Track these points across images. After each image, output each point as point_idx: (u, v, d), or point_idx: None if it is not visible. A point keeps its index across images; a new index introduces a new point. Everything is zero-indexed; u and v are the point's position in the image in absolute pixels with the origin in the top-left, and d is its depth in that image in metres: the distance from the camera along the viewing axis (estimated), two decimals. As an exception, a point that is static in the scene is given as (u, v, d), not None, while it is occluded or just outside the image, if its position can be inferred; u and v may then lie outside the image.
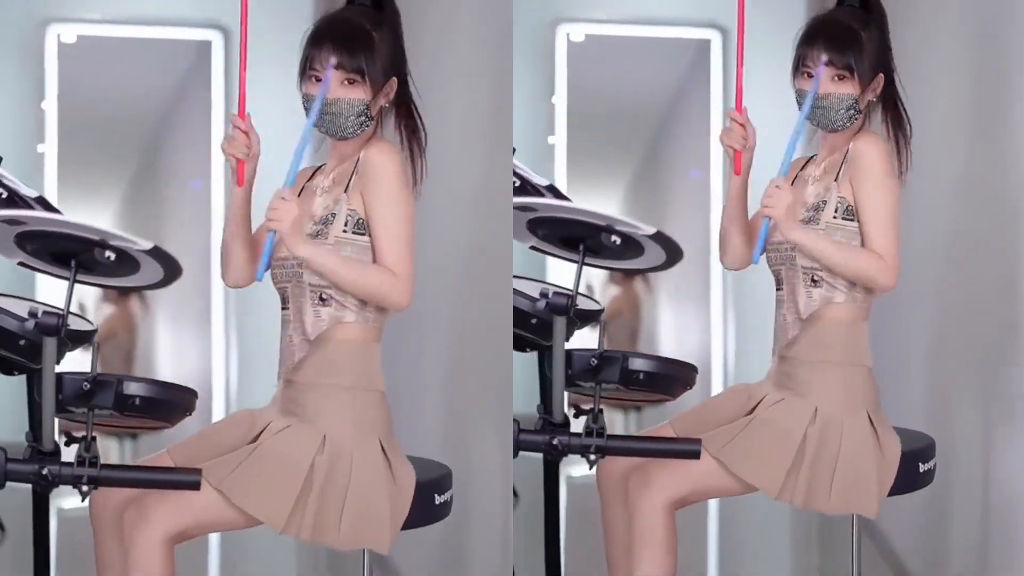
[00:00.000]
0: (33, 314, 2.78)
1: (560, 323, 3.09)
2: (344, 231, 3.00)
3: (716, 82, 4.93)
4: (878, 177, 3.19)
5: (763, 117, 4.83)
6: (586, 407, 3.18)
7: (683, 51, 4.95)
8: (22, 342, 2.85)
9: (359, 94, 3.03)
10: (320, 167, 3.18)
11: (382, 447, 3.02)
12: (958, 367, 3.99)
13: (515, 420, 3.10)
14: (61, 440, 2.87)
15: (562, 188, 3.74)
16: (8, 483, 2.80)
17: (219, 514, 2.95)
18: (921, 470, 3.27)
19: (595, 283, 4.54)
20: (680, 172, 4.88)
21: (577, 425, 3.16)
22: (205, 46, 4.68)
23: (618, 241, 3.07)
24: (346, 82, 3.02)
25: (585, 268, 3.23)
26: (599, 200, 3.51)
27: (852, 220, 3.20)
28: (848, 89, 3.23)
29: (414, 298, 3.00)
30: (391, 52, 3.07)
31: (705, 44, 4.95)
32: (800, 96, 3.24)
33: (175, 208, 4.66)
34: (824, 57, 3.21)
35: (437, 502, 3.11)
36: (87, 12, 4.65)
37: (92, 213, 4.56)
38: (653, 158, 4.90)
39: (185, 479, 2.84)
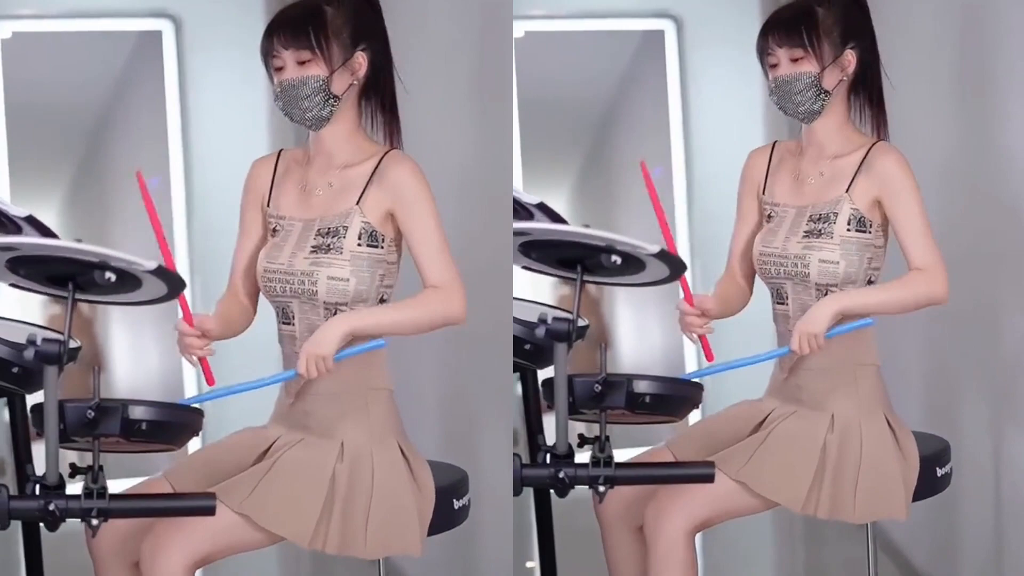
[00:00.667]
0: (32, 341, 2.64)
1: (561, 350, 2.94)
2: (359, 244, 2.93)
3: (672, 74, 4.78)
4: (914, 193, 3.09)
5: (718, 104, 4.78)
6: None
7: (633, 44, 4.79)
8: (15, 369, 2.73)
9: (313, 70, 2.92)
10: (286, 152, 3.07)
11: (400, 449, 2.94)
12: (960, 365, 3.94)
13: (516, 455, 2.96)
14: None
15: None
16: None
17: (240, 536, 2.87)
18: (939, 474, 3.20)
19: (543, 284, 4.36)
20: (639, 168, 4.73)
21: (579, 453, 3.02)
22: (154, 36, 4.56)
23: (619, 261, 2.91)
24: (299, 63, 2.92)
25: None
26: (551, 201, 3.41)
27: (865, 231, 3.10)
28: (806, 67, 3.10)
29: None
30: (354, 25, 2.96)
31: (658, 35, 4.80)
32: (770, 89, 3.12)
33: (133, 207, 4.46)
34: (777, 39, 3.10)
35: (456, 507, 3.04)
36: (22, 7, 4.52)
37: (44, 216, 4.38)
38: (609, 156, 4.75)
39: (201, 505, 2.74)
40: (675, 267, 2.94)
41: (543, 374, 3.12)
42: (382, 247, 2.95)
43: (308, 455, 2.90)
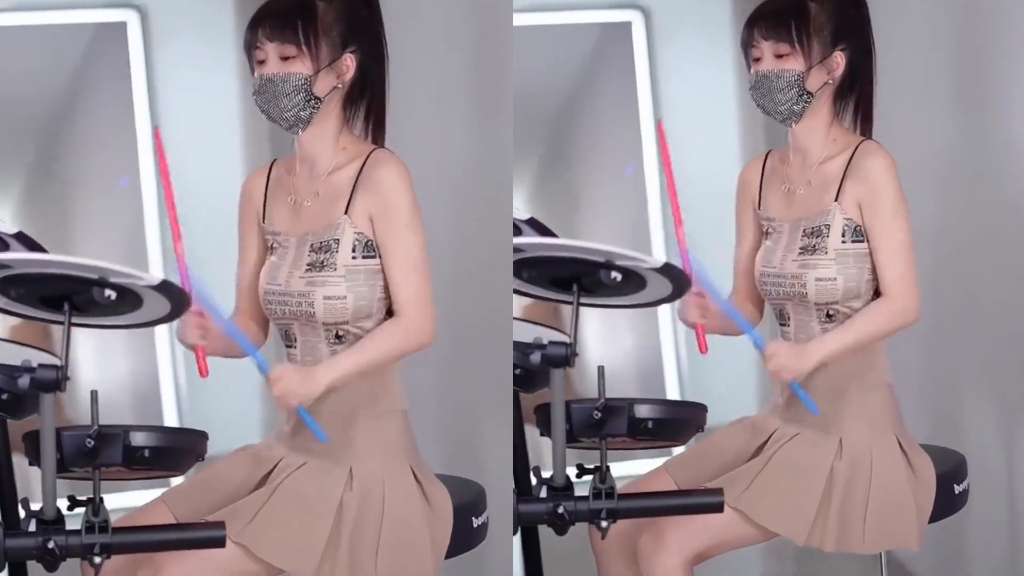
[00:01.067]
0: (27, 367, 2.47)
1: (558, 376, 2.74)
2: (353, 257, 2.77)
3: (641, 68, 4.59)
4: (893, 203, 2.91)
5: (690, 99, 4.62)
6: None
7: (598, 37, 4.58)
8: (4, 396, 2.55)
9: (297, 67, 2.76)
10: (279, 162, 2.91)
11: (413, 473, 2.79)
12: (962, 371, 3.82)
13: (513, 493, 2.80)
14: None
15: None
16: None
17: (241, 567, 2.71)
18: (956, 491, 3.05)
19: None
20: (610, 168, 4.55)
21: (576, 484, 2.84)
22: (118, 28, 4.37)
23: (619, 278, 2.67)
24: (281, 58, 2.76)
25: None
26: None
27: (861, 240, 2.93)
28: (791, 65, 2.92)
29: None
30: (346, 24, 2.80)
31: (624, 27, 4.61)
32: (750, 85, 2.94)
33: (101, 208, 4.34)
34: (763, 31, 2.92)
35: (475, 525, 2.90)
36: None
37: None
38: (572, 155, 4.55)
39: (210, 536, 2.60)
40: (679, 283, 2.73)
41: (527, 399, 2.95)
42: (378, 256, 2.78)
43: (314, 481, 2.76)
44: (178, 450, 2.62)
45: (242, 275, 2.91)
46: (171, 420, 4.30)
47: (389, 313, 2.81)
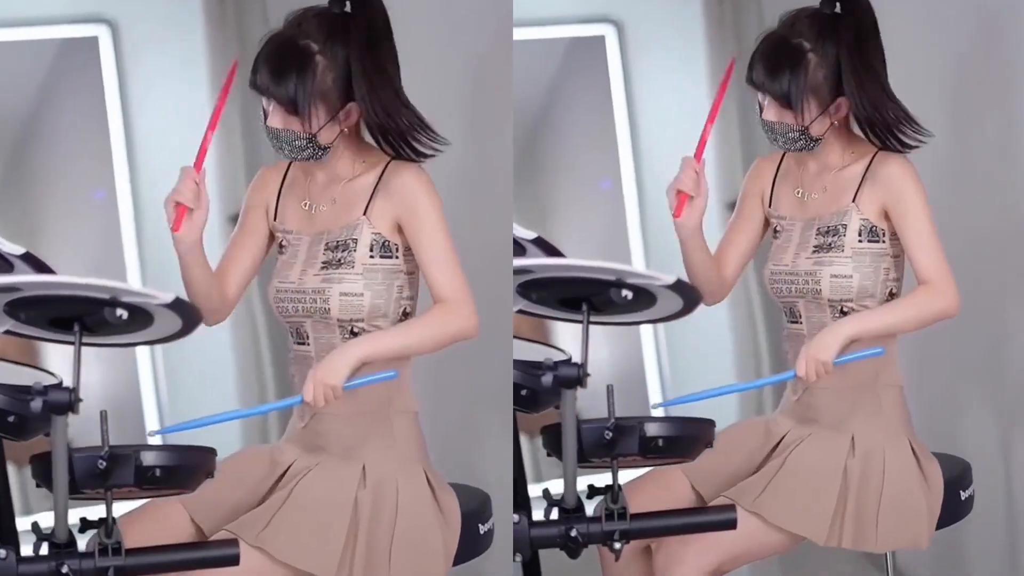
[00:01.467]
0: (39, 391, 2.43)
1: (570, 398, 2.71)
2: (371, 256, 2.79)
3: (616, 82, 4.56)
4: (919, 202, 2.94)
5: (666, 112, 4.59)
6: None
7: (572, 51, 4.56)
8: (11, 418, 2.53)
9: (295, 126, 2.77)
10: (297, 164, 2.90)
11: (426, 476, 2.81)
12: (958, 376, 3.83)
13: (523, 516, 2.77)
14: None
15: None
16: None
17: (263, 571, 2.72)
18: (962, 498, 3.08)
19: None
20: (586, 184, 4.53)
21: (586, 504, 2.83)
22: (90, 42, 4.31)
23: (630, 296, 2.67)
24: (284, 111, 2.77)
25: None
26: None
27: (878, 241, 2.97)
28: (788, 119, 2.94)
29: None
30: (346, 80, 2.77)
31: (598, 41, 4.59)
32: (760, 121, 2.97)
33: (77, 222, 4.28)
34: (761, 83, 2.94)
35: (481, 532, 2.91)
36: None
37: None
38: (546, 171, 4.52)
39: (224, 555, 2.60)
40: (690, 299, 2.73)
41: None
42: (396, 257, 2.81)
43: (328, 480, 2.76)
44: (188, 468, 2.59)
45: (231, 248, 2.91)
46: (152, 422, 4.24)
47: (404, 315, 2.82)
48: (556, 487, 2.78)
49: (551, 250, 2.94)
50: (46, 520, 2.49)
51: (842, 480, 2.93)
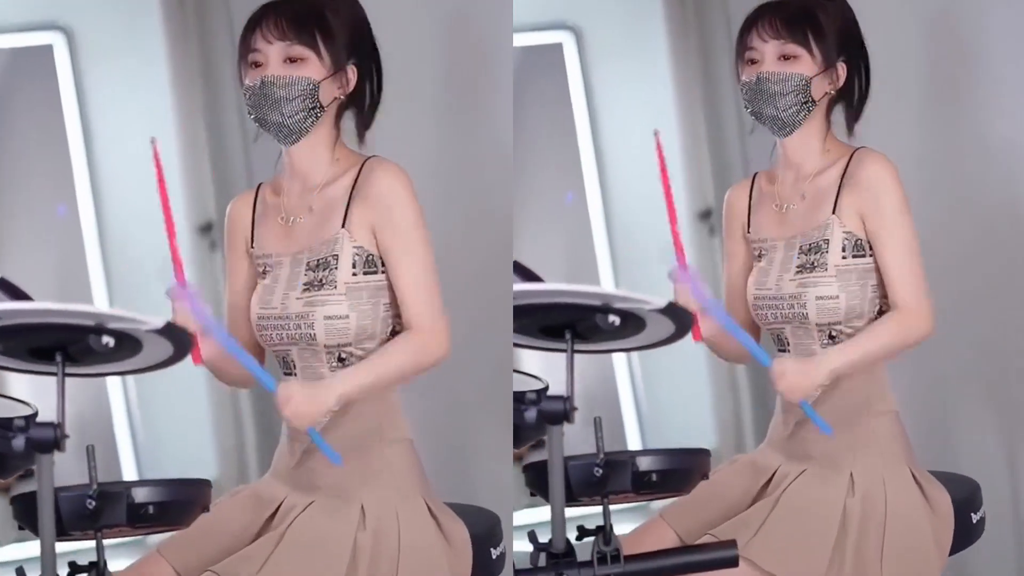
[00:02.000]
0: (20, 427, 2.28)
1: (557, 435, 2.53)
2: (354, 274, 2.62)
3: (576, 90, 4.39)
4: (897, 211, 2.77)
5: (629, 120, 4.46)
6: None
7: (528, 60, 4.38)
8: (-8, 455, 2.36)
9: (307, 71, 2.63)
10: (265, 185, 2.77)
11: (428, 507, 2.65)
12: (957, 385, 3.69)
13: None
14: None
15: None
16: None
17: None
18: (973, 521, 2.91)
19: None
20: (549, 197, 4.37)
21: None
22: (44, 51, 4.14)
23: (617, 322, 2.49)
24: (289, 60, 2.63)
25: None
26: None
27: (863, 255, 2.78)
28: (798, 68, 2.78)
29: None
30: (351, 35, 2.68)
31: (557, 48, 4.43)
32: (743, 88, 2.79)
33: (38, 240, 4.11)
34: (770, 30, 2.77)
35: (494, 556, 2.74)
36: None
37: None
38: (517, 185, 4.36)
39: None
40: (682, 323, 2.56)
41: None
42: (380, 271, 2.64)
43: (324, 522, 2.60)
44: (183, 503, 2.47)
45: (231, 303, 2.76)
46: (127, 459, 4.08)
47: (393, 334, 2.66)
48: (539, 516, 2.64)
49: (529, 275, 2.77)
50: (19, 552, 2.34)
51: (841, 521, 2.75)
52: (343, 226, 2.63)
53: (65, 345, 2.28)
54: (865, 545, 2.75)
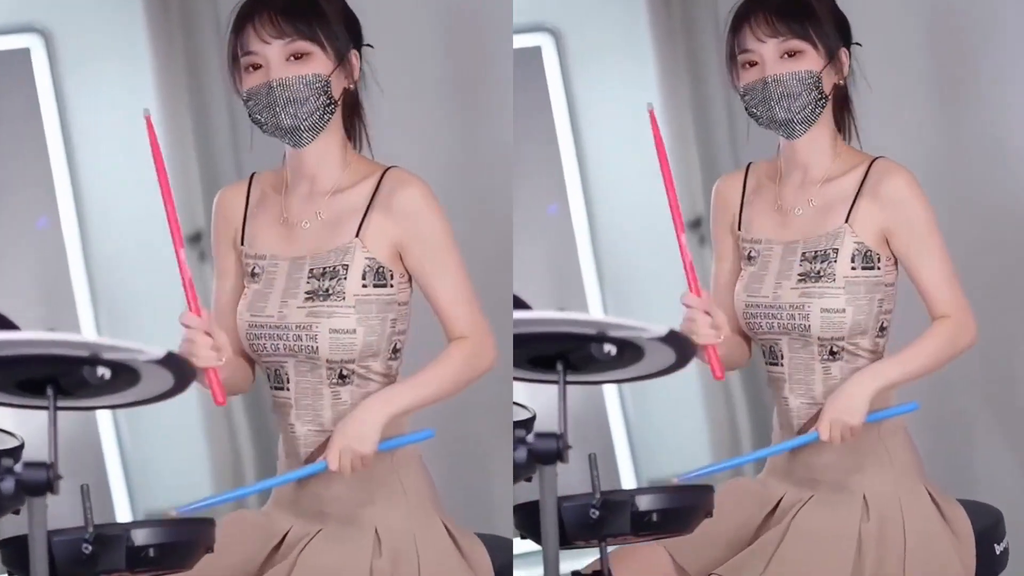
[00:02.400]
0: (8, 469, 2.11)
1: (550, 475, 2.32)
2: (364, 286, 2.49)
3: (557, 96, 4.21)
4: (927, 224, 2.66)
5: (612, 124, 4.31)
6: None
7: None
8: (-25, 500, 2.20)
9: (314, 67, 2.48)
10: (260, 176, 2.63)
11: (445, 527, 2.52)
12: (975, 408, 3.62)
13: None
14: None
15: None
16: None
17: None
18: (997, 552, 2.76)
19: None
20: (531, 208, 4.20)
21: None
22: (22, 55, 4.01)
23: (613, 351, 2.31)
24: (292, 57, 2.48)
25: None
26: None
27: (872, 268, 2.64)
28: (806, 64, 2.62)
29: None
30: (347, 18, 2.56)
31: (535, 52, 4.22)
32: (746, 93, 2.64)
33: (18, 255, 3.97)
34: (767, 29, 2.61)
35: None
36: None
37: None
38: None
39: None
40: (684, 351, 2.37)
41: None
42: (391, 285, 2.51)
43: (336, 551, 2.46)
44: (186, 544, 2.29)
45: (220, 305, 2.60)
46: (118, 487, 3.94)
47: (395, 352, 2.53)
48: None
49: (517, 303, 2.60)
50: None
51: (857, 548, 2.60)
52: (357, 235, 2.49)
53: (56, 377, 2.12)
54: (884, 573, 2.60)
